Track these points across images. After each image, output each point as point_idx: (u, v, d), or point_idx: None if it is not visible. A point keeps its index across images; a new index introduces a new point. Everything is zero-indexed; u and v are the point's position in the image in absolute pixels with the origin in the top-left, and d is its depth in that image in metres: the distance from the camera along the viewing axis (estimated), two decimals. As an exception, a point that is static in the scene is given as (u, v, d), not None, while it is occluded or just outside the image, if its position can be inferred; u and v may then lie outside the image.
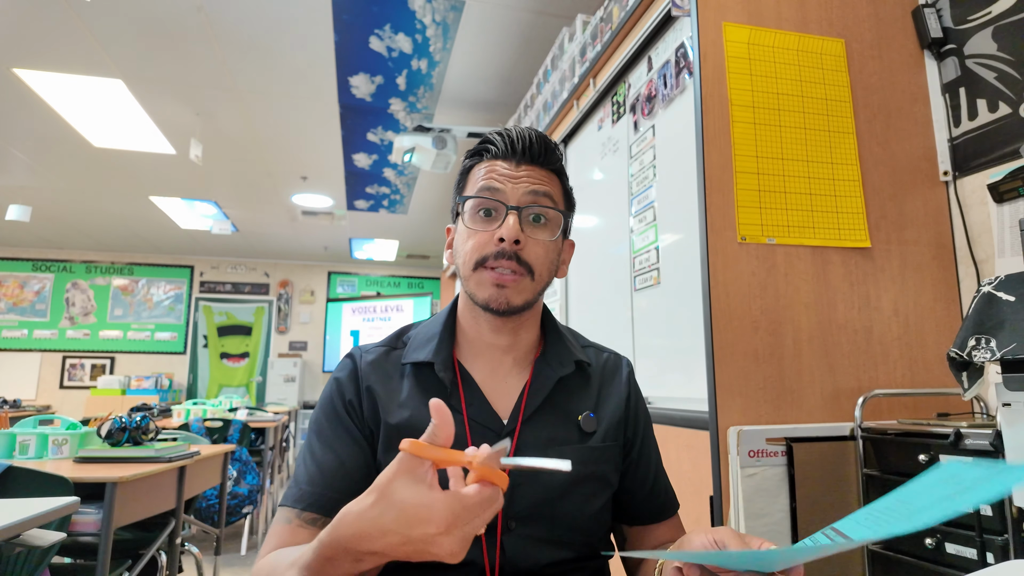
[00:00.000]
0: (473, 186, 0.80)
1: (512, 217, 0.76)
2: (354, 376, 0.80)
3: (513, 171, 0.79)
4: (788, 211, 1.45)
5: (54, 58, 3.22)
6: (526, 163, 0.80)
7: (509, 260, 0.75)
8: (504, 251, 0.75)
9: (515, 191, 0.78)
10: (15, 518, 1.09)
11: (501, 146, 0.80)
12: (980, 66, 1.53)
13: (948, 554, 1.08)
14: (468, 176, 0.83)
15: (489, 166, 0.80)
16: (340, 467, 0.74)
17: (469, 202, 0.79)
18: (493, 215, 0.78)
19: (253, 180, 5.21)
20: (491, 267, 0.76)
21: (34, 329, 7.79)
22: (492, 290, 0.76)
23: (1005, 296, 1.03)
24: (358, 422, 0.77)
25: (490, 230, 0.77)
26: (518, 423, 0.77)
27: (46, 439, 2.04)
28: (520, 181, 0.78)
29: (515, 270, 0.76)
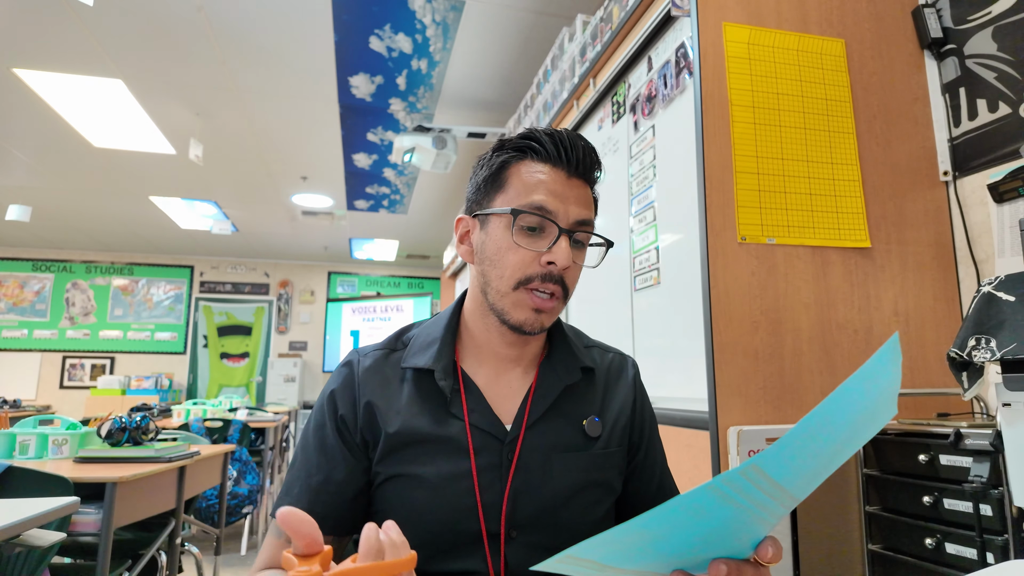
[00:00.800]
0: (519, 192, 0.75)
1: (564, 241, 0.73)
2: (350, 387, 0.78)
3: (564, 186, 0.75)
4: (788, 211, 1.45)
5: (54, 58, 3.22)
6: (577, 176, 0.76)
7: (556, 284, 0.74)
8: (551, 275, 0.74)
9: (567, 211, 0.74)
10: (15, 518, 1.09)
11: (551, 151, 0.75)
12: (980, 66, 1.53)
13: (948, 554, 1.08)
14: (506, 175, 0.77)
15: (537, 172, 0.75)
16: (328, 484, 0.74)
17: (521, 216, 0.74)
18: (541, 232, 0.74)
19: (253, 180, 5.21)
20: (534, 289, 0.74)
21: (34, 329, 7.79)
22: (529, 314, 0.74)
23: (1005, 296, 1.03)
24: (349, 437, 0.76)
25: (538, 250, 0.74)
26: (522, 429, 0.76)
27: (46, 439, 2.04)
28: (570, 200, 0.75)
29: (556, 294, 0.74)
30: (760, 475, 0.39)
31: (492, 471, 0.73)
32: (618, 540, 0.43)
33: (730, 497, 0.40)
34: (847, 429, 0.42)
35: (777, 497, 0.43)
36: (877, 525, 1.26)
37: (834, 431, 0.41)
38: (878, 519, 1.26)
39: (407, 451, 0.74)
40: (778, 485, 0.41)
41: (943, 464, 1.12)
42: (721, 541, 0.47)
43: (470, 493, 0.72)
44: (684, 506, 0.40)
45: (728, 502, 0.41)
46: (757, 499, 0.42)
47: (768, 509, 0.44)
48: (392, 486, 0.74)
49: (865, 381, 0.39)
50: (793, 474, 0.42)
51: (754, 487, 0.40)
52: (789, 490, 0.43)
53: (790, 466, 0.40)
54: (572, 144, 0.76)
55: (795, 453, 0.40)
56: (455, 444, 0.74)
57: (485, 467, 0.73)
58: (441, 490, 0.71)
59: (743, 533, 0.47)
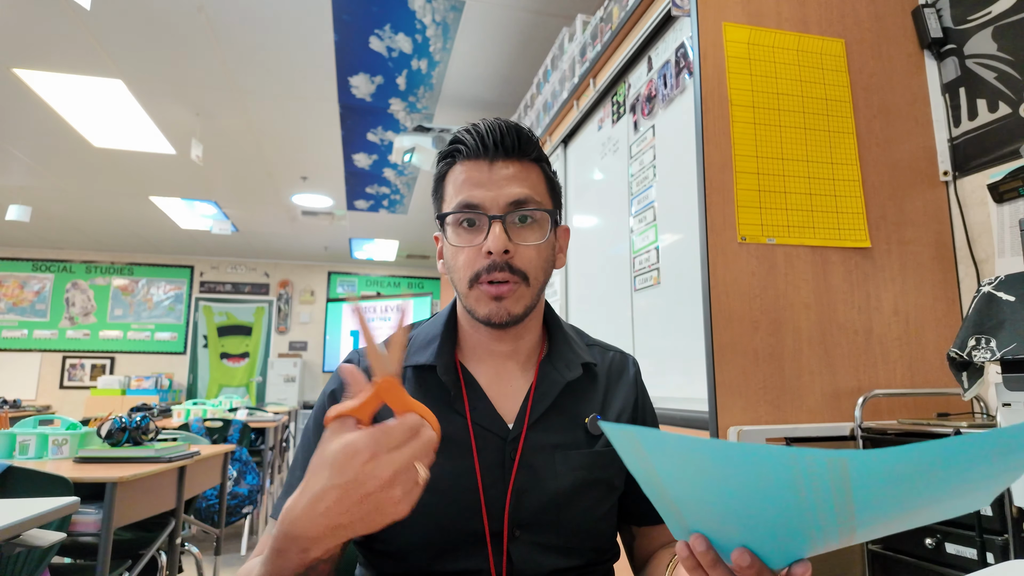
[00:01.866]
0: (450, 197, 0.76)
1: (496, 226, 0.73)
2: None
3: (488, 173, 0.75)
4: (788, 211, 1.45)
5: (54, 58, 3.22)
6: (501, 158, 0.76)
7: (502, 271, 0.73)
8: (495, 263, 0.73)
9: (495, 198, 0.74)
10: (15, 518, 1.09)
11: (472, 144, 0.76)
12: (980, 66, 1.53)
13: (948, 554, 1.08)
14: (444, 183, 0.79)
15: (463, 170, 0.76)
16: None
17: (449, 218, 0.76)
18: (476, 225, 0.75)
19: (253, 180, 5.21)
20: (485, 281, 0.74)
21: (34, 329, 7.79)
22: (491, 304, 0.74)
23: (1005, 296, 1.03)
24: None
25: (476, 244, 0.74)
26: (524, 427, 0.75)
27: (46, 439, 2.04)
28: (497, 185, 0.74)
29: (509, 279, 0.74)
30: (841, 471, 0.37)
31: (494, 469, 0.73)
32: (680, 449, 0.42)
33: (800, 477, 0.38)
34: (945, 489, 0.39)
35: (841, 514, 0.40)
36: (877, 525, 1.26)
37: (935, 482, 0.38)
38: (878, 519, 1.26)
39: None
40: (851, 498, 0.39)
41: (943, 464, 1.12)
42: (764, 529, 0.45)
43: (473, 491, 0.71)
44: (757, 453, 0.38)
45: (795, 483, 0.39)
46: (823, 501, 0.39)
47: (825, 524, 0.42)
48: None
49: (997, 444, 0.36)
50: (871, 503, 0.39)
51: (828, 482, 0.38)
52: (856, 515, 0.40)
53: (873, 484, 0.38)
54: (489, 129, 0.76)
55: (886, 473, 0.37)
56: (457, 442, 0.74)
57: (488, 465, 0.73)
58: (444, 489, 0.71)
59: (786, 534, 0.45)
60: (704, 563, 0.50)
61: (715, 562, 0.49)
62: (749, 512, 0.44)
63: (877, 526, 0.43)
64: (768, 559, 0.47)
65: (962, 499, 0.42)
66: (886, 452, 0.35)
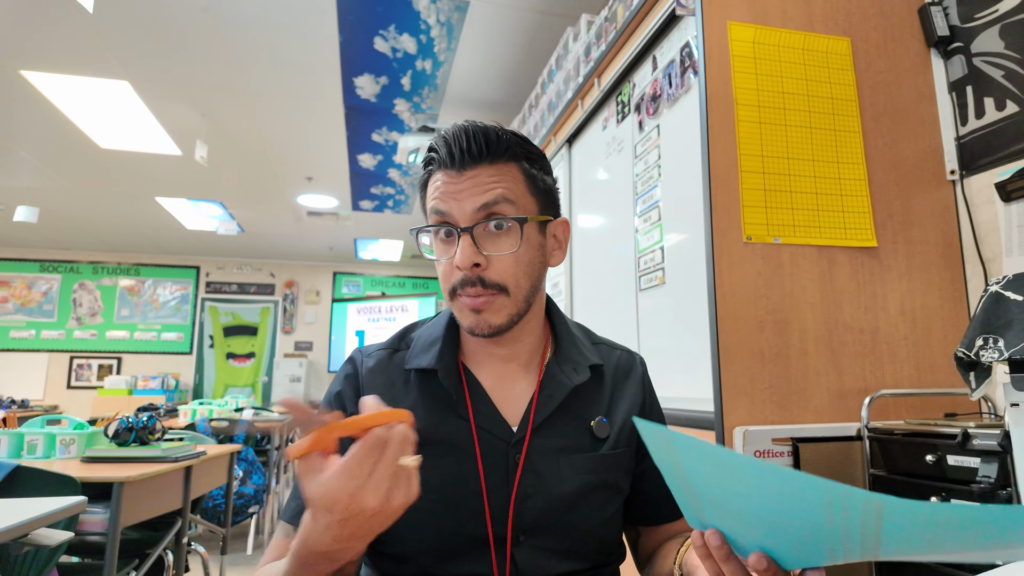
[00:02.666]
0: (428, 207, 0.75)
1: (464, 240, 0.70)
2: (355, 386, 0.78)
3: (456, 182, 0.72)
4: (794, 210, 1.45)
5: (61, 60, 3.24)
6: (470, 165, 0.73)
7: (474, 286, 0.71)
8: (466, 278, 0.71)
9: (462, 208, 0.71)
10: (23, 517, 1.09)
11: (443, 154, 0.73)
12: (987, 64, 1.52)
13: (956, 555, 1.08)
14: (425, 192, 0.77)
15: (435, 181, 0.74)
16: None
17: (419, 233, 0.75)
18: (452, 236, 0.73)
19: (258, 181, 5.23)
20: (461, 295, 0.72)
21: (41, 329, 7.84)
22: (471, 317, 0.72)
23: (1013, 295, 1.02)
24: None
25: (450, 257, 0.72)
26: (528, 431, 0.74)
27: (54, 439, 2.05)
28: (465, 194, 0.71)
29: (482, 293, 0.71)
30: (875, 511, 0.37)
31: (498, 473, 0.72)
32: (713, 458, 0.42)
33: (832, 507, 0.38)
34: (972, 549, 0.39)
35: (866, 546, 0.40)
36: (884, 526, 1.25)
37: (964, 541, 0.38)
38: (885, 520, 1.25)
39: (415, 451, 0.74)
40: (879, 536, 0.39)
41: (950, 464, 1.11)
42: (783, 536, 0.45)
43: (477, 496, 0.71)
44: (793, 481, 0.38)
45: (826, 511, 0.39)
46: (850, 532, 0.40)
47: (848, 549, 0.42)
48: None
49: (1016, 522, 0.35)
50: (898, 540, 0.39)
51: (860, 516, 0.38)
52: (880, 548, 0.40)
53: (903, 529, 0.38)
54: (456, 136, 0.73)
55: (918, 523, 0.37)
56: (461, 446, 0.73)
57: (491, 469, 0.72)
58: (448, 493, 0.71)
59: (806, 545, 0.45)
60: (717, 556, 0.50)
61: (728, 556, 0.49)
62: (773, 522, 0.44)
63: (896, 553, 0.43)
64: (782, 560, 0.47)
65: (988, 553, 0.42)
66: (924, 505, 0.35)
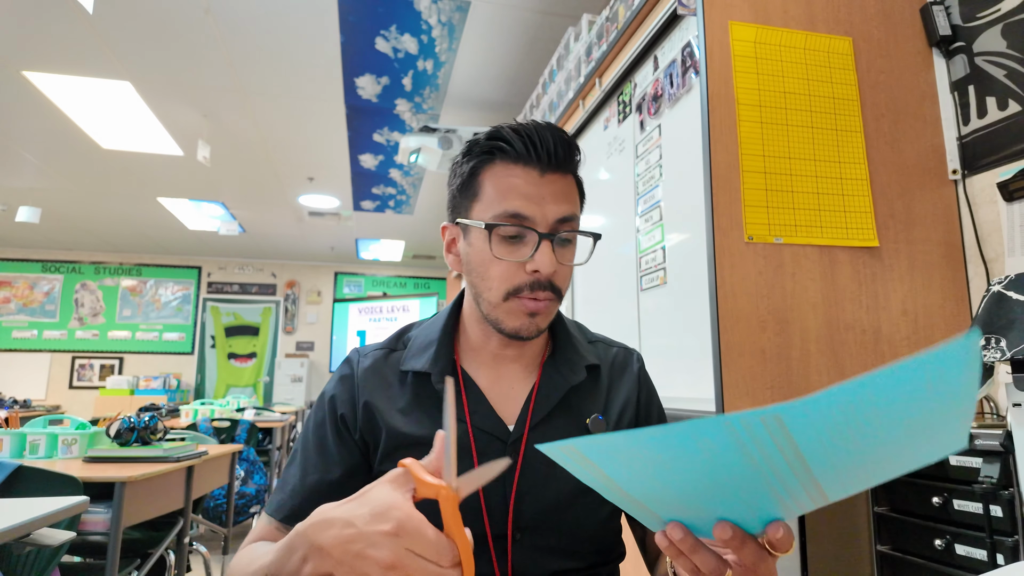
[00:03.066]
0: (492, 200, 0.72)
1: (546, 247, 0.70)
2: (350, 388, 0.78)
3: (537, 185, 0.71)
4: (795, 210, 1.45)
5: (63, 61, 3.25)
6: (551, 170, 0.72)
7: (545, 291, 0.72)
8: (539, 282, 0.71)
9: (544, 213, 0.71)
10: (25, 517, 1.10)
11: (520, 148, 0.72)
12: (989, 64, 1.52)
13: (958, 555, 1.08)
14: (478, 181, 0.74)
15: (508, 175, 0.72)
16: (321, 485, 0.74)
17: (497, 229, 0.71)
18: (520, 238, 0.71)
19: (260, 181, 5.23)
20: (527, 297, 0.72)
21: (44, 330, 7.85)
22: (524, 320, 0.72)
23: (1015, 295, 1.02)
24: (348, 437, 0.76)
25: (520, 259, 0.71)
26: (525, 430, 0.74)
27: (56, 439, 2.05)
28: (547, 200, 0.71)
29: (550, 297, 0.73)
30: (779, 426, 0.36)
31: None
32: (623, 449, 0.41)
33: (744, 443, 0.37)
34: (895, 429, 0.37)
35: (797, 470, 0.39)
36: (886, 526, 1.26)
37: (878, 422, 0.36)
38: (887, 520, 1.25)
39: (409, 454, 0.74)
40: (798, 451, 0.38)
41: (952, 465, 1.11)
42: (731, 500, 0.44)
43: (474, 495, 0.71)
44: (694, 431, 0.37)
45: (742, 449, 0.38)
46: (774, 460, 0.39)
47: (786, 483, 0.41)
48: None
49: (925, 371, 0.33)
50: (821, 450, 0.38)
51: (771, 439, 0.37)
52: (813, 471, 0.39)
53: (815, 433, 0.37)
54: (541, 138, 0.72)
55: (823, 419, 0.36)
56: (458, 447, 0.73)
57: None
58: None
59: (755, 500, 0.44)
60: (685, 549, 0.49)
61: (695, 546, 0.49)
62: (711, 488, 0.43)
63: (842, 480, 0.42)
64: (746, 527, 0.47)
65: (927, 442, 0.40)
66: (816, 396, 0.34)
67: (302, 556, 0.53)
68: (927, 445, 0.40)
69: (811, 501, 0.44)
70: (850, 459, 0.39)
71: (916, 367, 0.33)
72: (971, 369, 0.34)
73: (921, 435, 0.39)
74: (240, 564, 0.65)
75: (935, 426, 0.38)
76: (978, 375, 0.35)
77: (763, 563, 0.48)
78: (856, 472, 0.42)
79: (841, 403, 0.35)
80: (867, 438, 0.37)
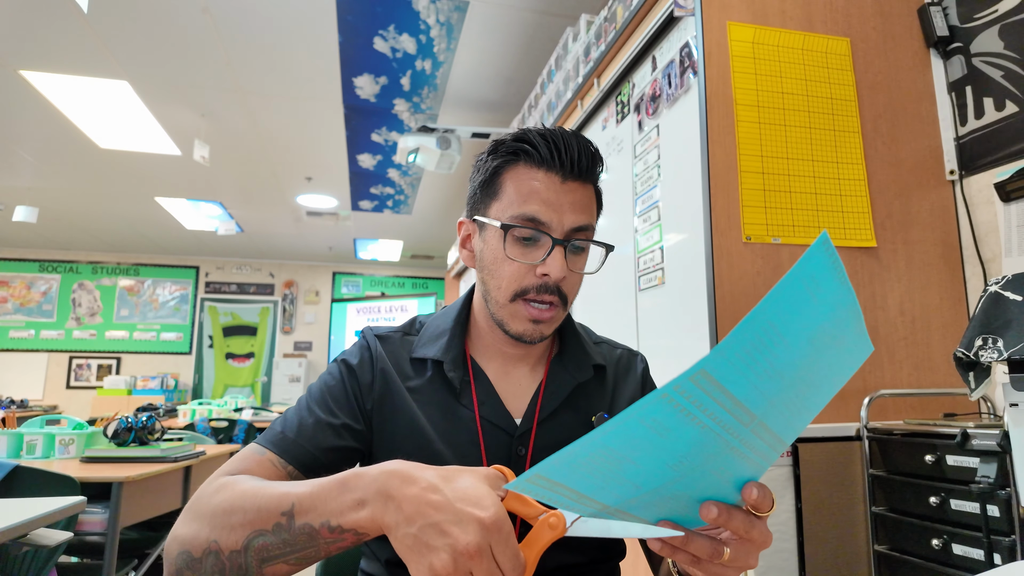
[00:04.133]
0: (512, 201, 0.73)
1: (559, 252, 0.71)
2: (369, 358, 0.78)
3: (558, 192, 0.72)
4: (793, 211, 1.45)
5: (60, 60, 3.24)
6: (573, 179, 0.73)
7: (552, 295, 0.73)
8: (547, 286, 0.72)
9: (561, 220, 0.72)
10: (22, 517, 1.09)
11: (545, 154, 0.72)
12: (987, 64, 1.52)
13: (955, 555, 1.08)
14: (500, 180, 0.75)
15: (530, 179, 0.73)
16: (329, 430, 0.71)
17: (512, 230, 0.72)
18: (535, 241, 0.73)
19: (258, 181, 5.22)
20: (530, 300, 0.73)
21: (41, 330, 7.83)
22: (528, 325, 0.73)
23: (1012, 296, 1.02)
24: (362, 406, 0.75)
25: (531, 262, 0.72)
26: (533, 425, 0.75)
27: (53, 439, 2.05)
28: (565, 208, 0.72)
29: (554, 303, 0.73)
30: (709, 381, 0.37)
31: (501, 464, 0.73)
32: (583, 460, 0.41)
33: (689, 412, 0.38)
34: (805, 348, 0.39)
35: (744, 420, 0.40)
36: (883, 526, 1.26)
37: (787, 346, 0.38)
38: (884, 520, 1.25)
39: (416, 437, 0.74)
40: (736, 400, 0.38)
41: (950, 465, 1.11)
42: (701, 477, 0.44)
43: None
44: (641, 417, 0.37)
45: (690, 420, 0.38)
46: (723, 420, 0.39)
47: (743, 439, 0.41)
48: None
49: (801, 282, 0.36)
50: (753, 390, 0.39)
51: (711, 399, 0.37)
52: (756, 414, 0.40)
53: (743, 377, 0.37)
54: (567, 145, 0.73)
55: (742, 359, 0.37)
56: (465, 437, 0.74)
57: (494, 460, 0.73)
58: None
59: (722, 467, 0.44)
60: (677, 543, 0.49)
61: (686, 538, 0.49)
62: (679, 470, 0.43)
63: (787, 416, 0.43)
64: (727, 499, 0.47)
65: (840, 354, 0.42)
66: (727, 338, 0.36)
67: (359, 499, 0.50)
68: (842, 357, 0.43)
69: (771, 448, 0.45)
70: (783, 391, 0.41)
71: (792, 279, 0.35)
72: (836, 266, 0.37)
73: (832, 348, 0.41)
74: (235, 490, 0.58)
75: (839, 336, 0.41)
76: (842, 271, 0.37)
77: (754, 528, 0.48)
78: (795, 404, 0.43)
79: (750, 338, 0.36)
80: (787, 365, 0.39)
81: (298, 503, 0.53)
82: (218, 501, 0.58)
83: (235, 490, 0.58)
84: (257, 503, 0.55)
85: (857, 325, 0.42)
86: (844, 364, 0.44)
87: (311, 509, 0.52)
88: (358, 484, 0.51)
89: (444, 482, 0.48)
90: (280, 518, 0.53)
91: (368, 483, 0.50)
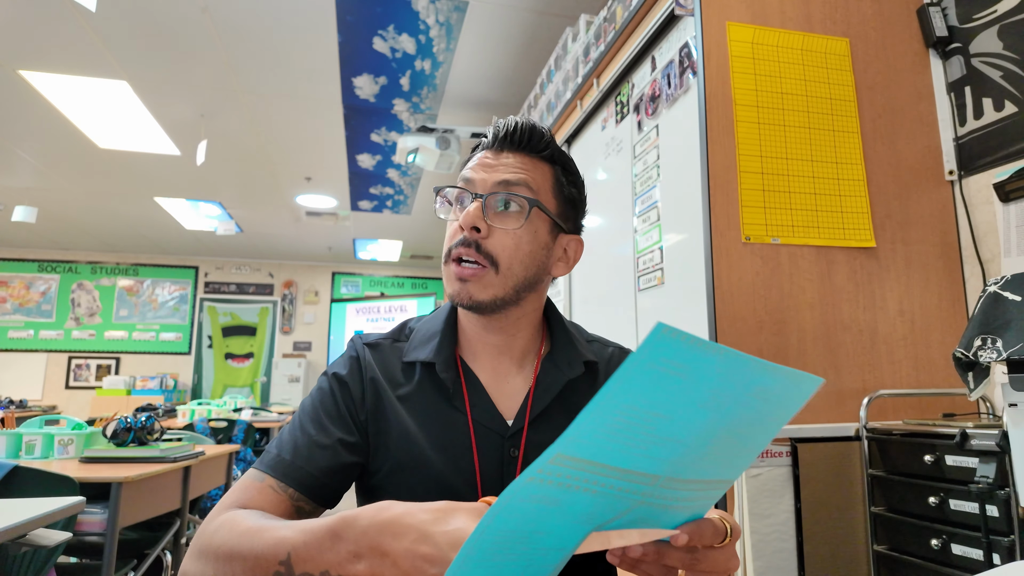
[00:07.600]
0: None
1: (474, 204, 0.73)
2: (357, 368, 0.78)
3: (492, 159, 0.77)
4: (792, 211, 1.45)
5: (59, 60, 3.24)
6: (509, 150, 0.77)
7: (468, 247, 0.72)
8: (465, 239, 0.73)
9: (485, 180, 0.75)
10: (21, 517, 1.09)
11: (490, 136, 0.79)
12: (986, 65, 1.53)
13: (954, 555, 1.08)
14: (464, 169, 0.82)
15: (475, 157, 0.79)
16: (324, 450, 0.71)
17: (441, 191, 0.79)
18: (462, 204, 0.76)
19: (257, 181, 5.22)
20: (455, 258, 0.73)
21: (40, 330, 7.82)
22: (456, 284, 0.73)
23: (1011, 296, 1.02)
24: (355, 418, 0.75)
25: (456, 219, 0.76)
26: (524, 425, 0.75)
27: (52, 439, 2.04)
28: (495, 169, 0.75)
29: (477, 260, 0.72)
30: (576, 461, 0.35)
31: (493, 466, 0.73)
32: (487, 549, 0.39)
33: (567, 485, 0.36)
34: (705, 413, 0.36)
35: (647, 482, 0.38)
36: (882, 526, 1.26)
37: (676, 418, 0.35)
38: (883, 520, 1.25)
39: (408, 445, 0.74)
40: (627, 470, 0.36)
41: (949, 465, 1.11)
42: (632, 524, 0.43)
43: (472, 488, 0.72)
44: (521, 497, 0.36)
45: (574, 490, 0.36)
46: (616, 485, 0.37)
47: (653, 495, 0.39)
48: (393, 480, 0.73)
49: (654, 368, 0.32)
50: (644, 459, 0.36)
51: (588, 473, 0.36)
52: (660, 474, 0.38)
53: (626, 450, 0.35)
54: (506, 123, 0.78)
55: (613, 438, 0.35)
56: (457, 439, 0.74)
57: (486, 462, 0.73)
58: (443, 486, 0.71)
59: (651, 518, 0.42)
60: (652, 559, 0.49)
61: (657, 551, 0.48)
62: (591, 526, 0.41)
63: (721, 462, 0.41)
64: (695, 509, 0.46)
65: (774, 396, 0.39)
66: (574, 424, 0.33)
67: (354, 552, 0.49)
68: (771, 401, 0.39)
69: (706, 489, 0.43)
70: (693, 450, 0.38)
71: (628, 371, 0.32)
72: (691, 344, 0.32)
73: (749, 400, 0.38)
74: (234, 530, 0.58)
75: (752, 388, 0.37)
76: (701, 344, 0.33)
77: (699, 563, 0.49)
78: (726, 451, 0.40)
79: (607, 420, 0.34)
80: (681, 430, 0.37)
81: (294, 553, 0.53)
82: (219, 542, 0.58)
83: (234, 531, 0.58)
84: (255, 551, 0.55)
85: (774, 373, 0.37)
86: (782, 404, 0.40)
87: (308, 559, 0.52)
88: (349, 535, 0.50)
89: (436, 525, 0.47)
90: (279, 567, 0.53)
91: (359, 535, 0.49)
